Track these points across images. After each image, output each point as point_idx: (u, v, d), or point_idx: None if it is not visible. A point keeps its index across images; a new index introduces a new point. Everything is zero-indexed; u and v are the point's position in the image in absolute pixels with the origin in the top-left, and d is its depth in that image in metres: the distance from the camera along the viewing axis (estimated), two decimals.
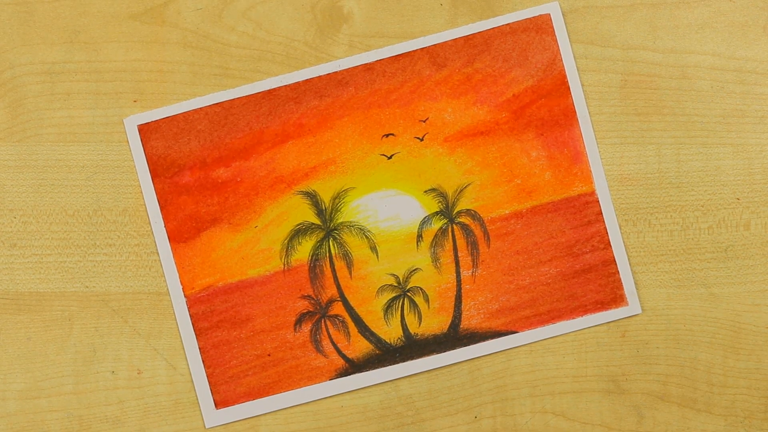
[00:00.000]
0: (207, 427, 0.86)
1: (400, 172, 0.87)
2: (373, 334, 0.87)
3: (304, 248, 0.87)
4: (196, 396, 0.86)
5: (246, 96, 0.88)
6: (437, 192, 0.87)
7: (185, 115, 0.88)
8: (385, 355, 0.87)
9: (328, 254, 0.87)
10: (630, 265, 0.87)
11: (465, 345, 0.86)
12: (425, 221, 0.87)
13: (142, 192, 0.87)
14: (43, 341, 0.87)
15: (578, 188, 0.87)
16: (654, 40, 0.88)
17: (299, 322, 0.87)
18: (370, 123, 0.88)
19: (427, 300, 0.87)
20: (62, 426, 0.86)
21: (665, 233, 0.87)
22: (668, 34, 0.88)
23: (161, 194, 0.87)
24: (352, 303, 0.87)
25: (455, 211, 0.87)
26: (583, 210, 0.87)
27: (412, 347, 0.87)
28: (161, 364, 0.87)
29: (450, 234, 0.87)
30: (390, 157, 0.87)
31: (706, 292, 0.87)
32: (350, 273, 0.87)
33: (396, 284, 0.87)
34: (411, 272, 0.87)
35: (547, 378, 0.86)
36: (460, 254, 0.87)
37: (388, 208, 0.87)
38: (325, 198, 0.87)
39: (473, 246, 0.87)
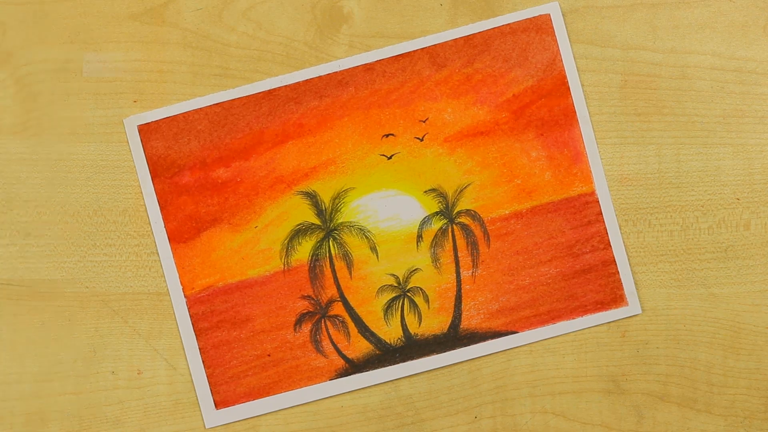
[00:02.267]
0: (207, 427, 0.86)
1: (400, 172, 0.87)
2: (373, 334, 0.87)
3: (304, 248, 0.87)
4: (196, 396, 0.86)
5: (246, 96, 0.88)
6: (437, 192, 0.87)
7: (185, 116, 0.88)
8: (385, 355, 0.87)
9: (328, 254, 0.87)
10: (630, 265, 0.87)
11: (465, 345, 0.86)
12: (425, 221, 0.87)
13: (142, 192, 0.87)
14: (43, 341, 0.87)
15: (578, 188, 0.87)
16: (654, 40, 0.88)
17: (299, 322, 0.87)
18: (370, 123, 0.88)
19: (427, 300, 0.87)
20: (62, 426, 0.86)
21: (665, 233, 0.87)
22: (668, 34, 0.88)
23: (161, 194, 0.87)
24: (352, 303, 0.87)
25: (455, 212, 0.87)
26: (583, 210, 0.87)
27: (412, 347, 0.87)
28: (161, 364, 0.87)
29: (450, 234, 0.87)
30: (390, 158, 0.87)
31: (706, 292, 0.87)
32: (350, 273, 0.87)
33: (396, 284, 0.87)
34: (411, 272, 0.87)
35: (547, 378, 0.86)
36: (460, 254, 0.87)
37: (388, 208, 0.87)
38: (325, 198, 0.87)
39: (473, 246, 0.87)
